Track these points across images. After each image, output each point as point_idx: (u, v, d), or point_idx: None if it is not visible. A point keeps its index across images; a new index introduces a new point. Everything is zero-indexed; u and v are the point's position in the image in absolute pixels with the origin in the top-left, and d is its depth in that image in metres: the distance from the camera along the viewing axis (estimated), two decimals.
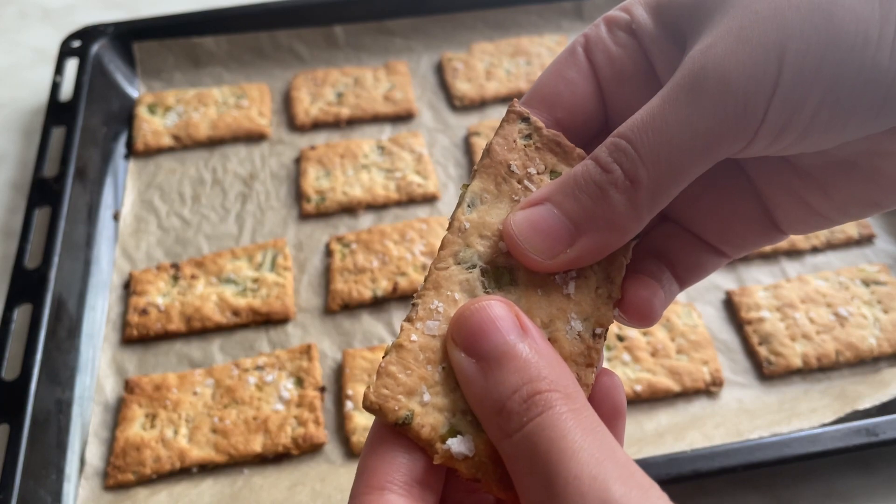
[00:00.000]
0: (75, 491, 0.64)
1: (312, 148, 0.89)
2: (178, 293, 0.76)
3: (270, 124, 0.93)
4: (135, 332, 0.74)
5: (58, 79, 0.89)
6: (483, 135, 0.89)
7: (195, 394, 0.69)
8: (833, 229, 0.80)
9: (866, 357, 0.71)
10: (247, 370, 0.71)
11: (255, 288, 0.77)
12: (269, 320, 0.75)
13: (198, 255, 0.81)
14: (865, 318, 0.73)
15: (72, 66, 0.91)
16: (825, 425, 0.63)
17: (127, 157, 0.90)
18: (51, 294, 0.71)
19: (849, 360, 0.70)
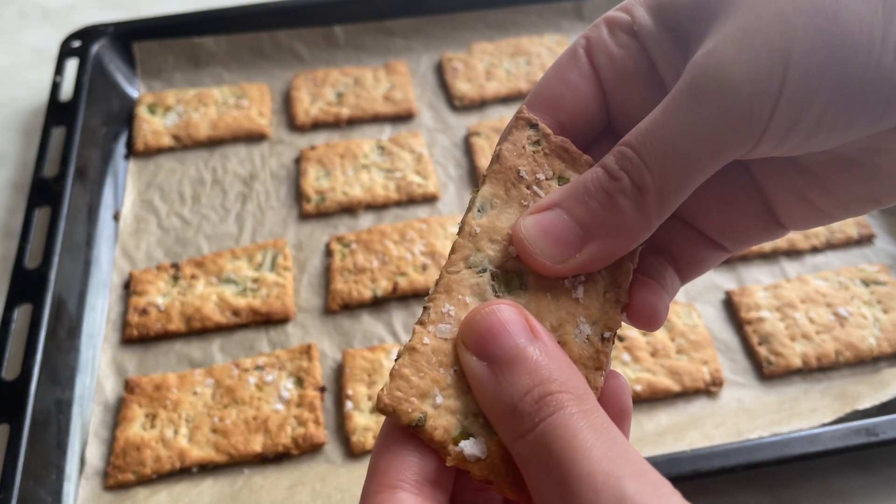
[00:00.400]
0: (75, 491, 0.64)
1: (312, 148, 0.89)
2: (178, 293, 0.76)
3: (270, 124, 0.93)
4: (135, 332, 0.74)
5: (58, 79, 0.89)
6: (483, 135, 0.89)
7: (195, 394, 0.69)
8: (833, 229, 0.80)
9: (866, 357, 0.71)
10: (247, 370, 0.71)
11: (255, 288, 0.77)
12: (269, 320, 0.75)
13: (198, 255, 0.81)
14: (865, 318, 0.73)
15: (72, 66, 0.91)
16: (825, 425, 0.63)
17: (127, 157, 0.90)
18: (51, 294, 0.71)
19: (849, 360, 0.70)
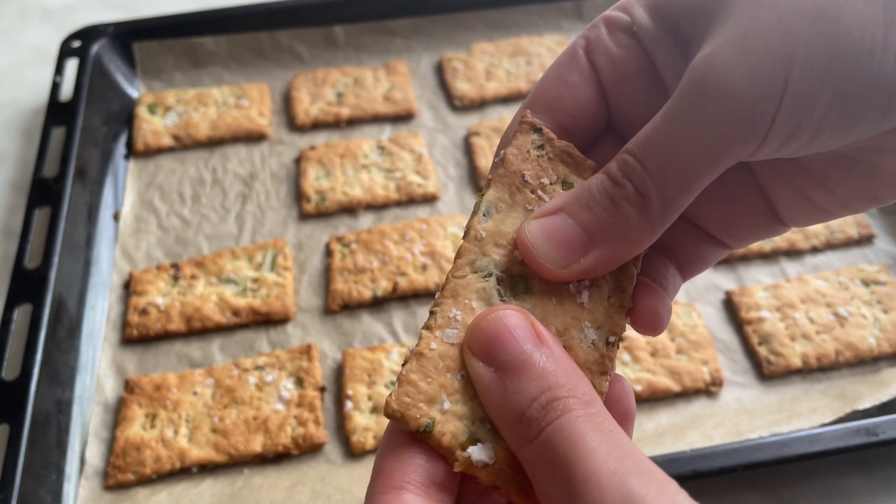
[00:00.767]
0: (75, 491, 0.64)
1: (312, 148, 0.89)
2: (178, 293, 0.76)
3: (270, 124, 0.93)
4: (135, 332, 0.74)
5: (58, 79, 0.89)
6: (483, 135, 0.89)
7: (195, 394, 0.69)
8: (833, 229, 0.80)
9: (866, 357, 0.71)
10: (247, 370, 0.71)
11: (255, 288, 0.77)
12: (269, 320, 0.75)
13: (198, 255, 0.81)
14: (865, 318, 0.73)
15: (72, 66, 0.91)
16: (825, 425, 0.63)
17: (127, 157, 0.90)
18: (51, 294, 0.71)
19: (849, 360, 0.70)
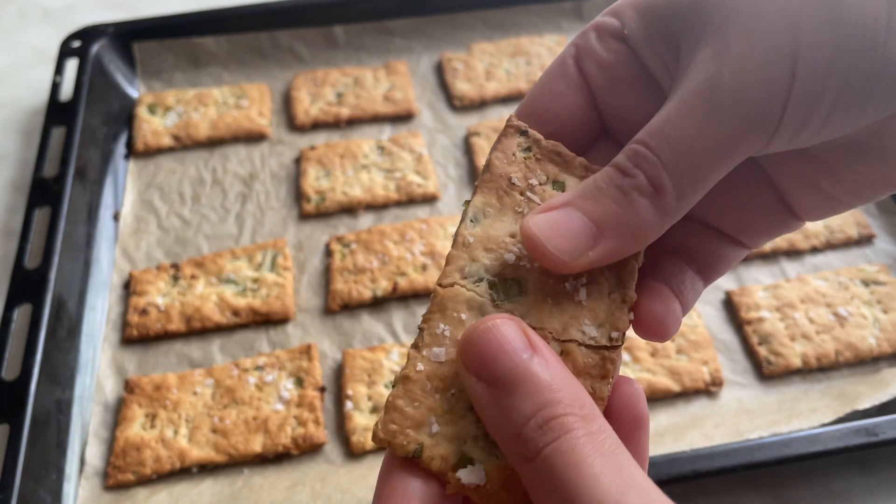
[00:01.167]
0: (75, 491, 0.64)
1: (312, 148, 0.89)
2: (178, 293, 0.76)
3: (270, 124, 0.93)
4: (135, 332, 0.74)
5: (58, 79, 0.89)
6: (483, 135, 0.89)
7: (195, 394, 0.69)
8: (833, 229, 0.80)
9: (866, 357, 0.71)
10: (247, 370, 0.71)
11: (254, 288, 0.77)
12: (268, 320, 0.75)
13: (198, 255, 0.81)
14: (865, 318, 0.73)
15: (72, 66, 0.91)
16: (825, 425, 0.63)
17: (127, 157, 0.90)
18: (51, 294, 0.71)
19: (848, 360, 0.70)
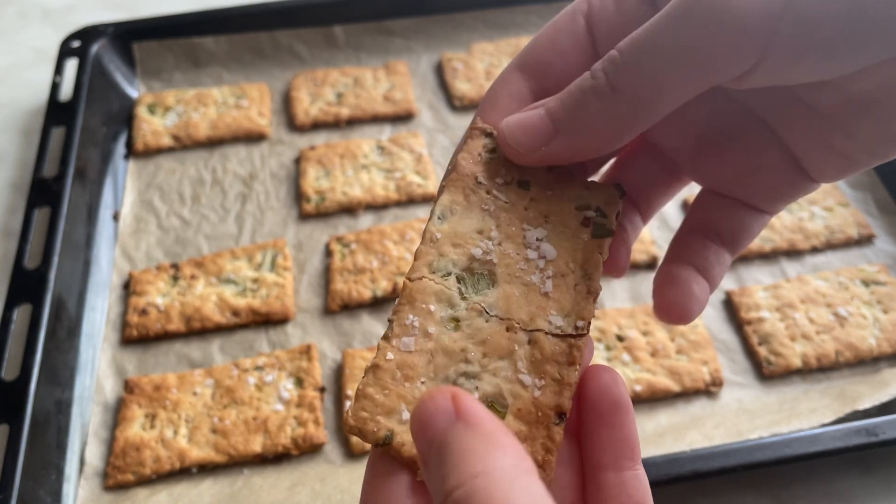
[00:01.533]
0: (75, 491, 0.64)
1: (312, 148, 0.89)
2: (177, 293, 0.76)
3: (270, 124, 0.93)
4: (134, 333, 0.74)
5: (58, 79, 0.89)
6: None
7: (195, 394, 0.69)
8: (833, 229, 0.80)
9: (866, 357, 0.71)
10: (246, 370, 0.71)
11: (254, 288, 0.77)
12: (268, 320, 0.75)
13: (197, 255, 0.81)
14: (865, 318, 0.73)
15: (72, 66, 0.91)
16: (825, 425, 0.63)
17: (127, 157, 0.90)
18: (50, 294, 0.71)
19: (848, 361, 0.70)
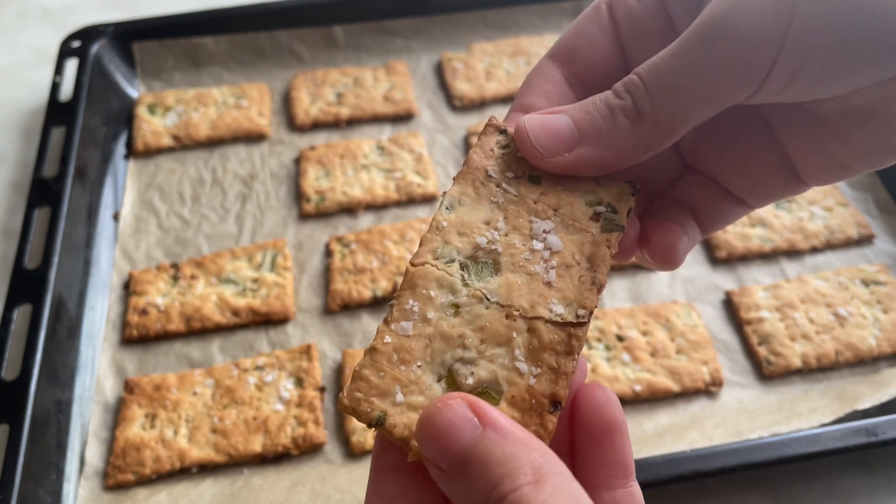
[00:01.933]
0: (75, 491, 0.64)
1: (312, 148, 0.89)
2: (177, 293, 0.76)
3: (270, 124, 0.93)
4: (134, 332, 0.74)
5: (58, 79, 0.89)
6: None
7: (195, 394, 0.69)
8: (833, 229, 0.80)
9: (866, 357, 0.71)
10: (247, 370, 0.71)
11: (254, 288, 0.77)
12: (268, 320, 0.75)
13: (198, 255, 0.81)
14: (865, 319, 0.73)
15: (72, 66, 0.91)
16: (825, 425, 0.63)
17: (127, 157, 0.90)
18: (51, 294, 0.71)
19: (848, 361, 0.70)
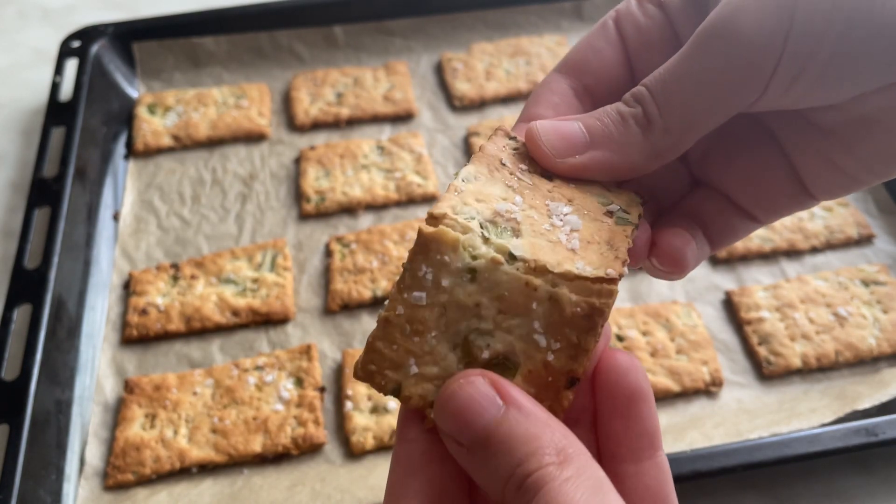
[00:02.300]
0: (75, 491, 0.64)
1: (312, 148, 0.89)
2: (177, 293, 0.76)
3: (270, 124, 0.93)
4: (134, 332, 0.74)
5: (57, 79, 0.89)
6: (483, 135, 0.89)
7: (195, 394, 0.69)
8: (833, 229, 0.80)
9: (866, 357, 0.71)
10: (246, 370, 0.71)
11: (254, 288, 0.77)
12: (268, 320, 0.75)
13: (197, 255, 0.81)
14: (865, 319, 0.73)
15: (72, 66, 0.91)
16: (825, 425, 0.63)
17: (127, 157, 0.90)
18: (50, 294, 0.71)
19: (848, 360, 0.70)
